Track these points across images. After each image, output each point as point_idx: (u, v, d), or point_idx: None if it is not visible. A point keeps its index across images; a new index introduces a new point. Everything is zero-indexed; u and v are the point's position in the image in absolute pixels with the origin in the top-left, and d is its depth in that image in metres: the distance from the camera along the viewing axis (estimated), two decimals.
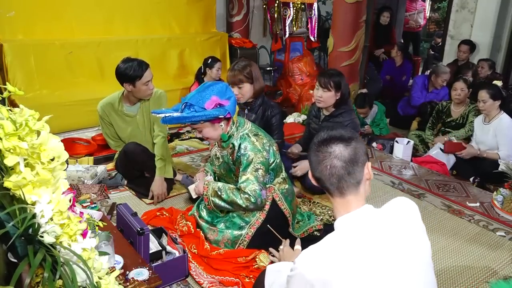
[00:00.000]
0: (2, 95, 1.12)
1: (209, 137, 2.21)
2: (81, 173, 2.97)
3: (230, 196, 2.16)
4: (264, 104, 2.87)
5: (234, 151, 2.20)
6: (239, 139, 2.19)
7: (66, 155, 1.14)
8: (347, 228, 1.18)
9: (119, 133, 2.96)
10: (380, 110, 4.44)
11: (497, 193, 2.92)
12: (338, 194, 1.21)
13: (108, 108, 2.89)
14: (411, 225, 1.21)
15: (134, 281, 1.54)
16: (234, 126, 2.23)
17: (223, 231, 2.21)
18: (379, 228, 1.16)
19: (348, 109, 2.93)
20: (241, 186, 2.14)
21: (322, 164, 1.20)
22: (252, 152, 2.15)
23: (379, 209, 1.23)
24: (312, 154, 1.24)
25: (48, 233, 1.07)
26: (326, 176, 1.20)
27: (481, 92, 3.37)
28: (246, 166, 2.15)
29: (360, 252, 1.11)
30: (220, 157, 2.34)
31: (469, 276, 2.16)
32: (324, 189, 1.25)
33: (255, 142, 2.17)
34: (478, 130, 3.55)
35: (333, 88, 2.82)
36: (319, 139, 1.24)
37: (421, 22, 7.46)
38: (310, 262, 1.13)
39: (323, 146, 1.21)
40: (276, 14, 5.70)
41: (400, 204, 1.24)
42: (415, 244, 1.18)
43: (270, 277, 1.51)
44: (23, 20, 4.04)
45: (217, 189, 2.22)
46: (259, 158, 2.15)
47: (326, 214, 2.70)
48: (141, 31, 4.78)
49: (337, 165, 1.18)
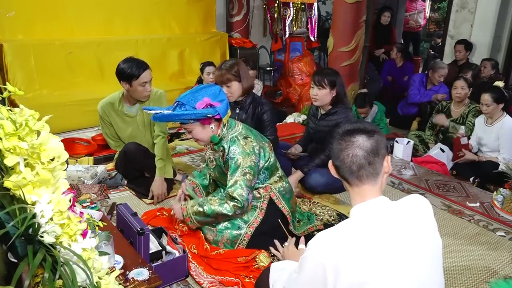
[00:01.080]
0: (2, 95, 1.12)
1: (198, 138, 2.20)
2: (81, 173, 2.97)
3: (214, 209, 2.13)
4: (254, 102, 2.88)
5: (224, 154, 2.20)
6: (229, 141, 2.19)
7: (66, 155, 1.14)
8: (361, 216, 1.21)
9: (119, 133, 2.96)
10: (380, 110, 4.44)
11: (497, 193, 2.92)
12: (356, 182, 1.24)
13: (108, 108, 2.89)
14: (423, 220, 1.24)
15: (134, 281, 1.54)
16: (225, 128, 2.22)
17: (222, 231, 2.21)
18: (392, 219, 1.19)
19: (343, 107, 2.93)
20: (229, 191, 2.13)
21: (344, 152, 1.23)
22: (240, 155, 2.14)
23: (394, 202, 1.26)
24: (335, 143, 1.27)
25: (48, 233, 1.07)
26: (347, 164, 1.23)
27: (484, 96, 3.34)
28: (234, 170, 2.14)
29: (372, 240, 1.14)
30: (213, 160, 2.35)
31: (469, 276, 2.16)
32: (342, 178, 1.28)
33: (244, 145, 2.16)
34: (479, 131, 3.54)
35: (327, 85, 2.83)
36: (343, 130, 1.28)
37: (421, 22, 7.46)
38: (323, 245, 1.16)
39: (347, 135, 1.25)
40: (276, 14, 5.70)
41: (415, 200, 1.27)
42: (426, 239, 1.21)
43: (275, 274, 1.53)
44: (23, 20, 4.04)
45: (198, 206, 2.18)
46: (248, 162, 2.13)
47: (326, 214, 2.70)
48: (141, 31, 4.78)
49: (359, 154, 1.22)
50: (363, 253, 1.12)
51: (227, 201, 2.13)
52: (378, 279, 1.11)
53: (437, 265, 1.24)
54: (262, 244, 2.16)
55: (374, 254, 1.12)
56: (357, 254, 1.12)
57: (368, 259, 1.12)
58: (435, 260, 1.23)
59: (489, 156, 3.41)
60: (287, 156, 3.13)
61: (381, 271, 1.12)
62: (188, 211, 2.21)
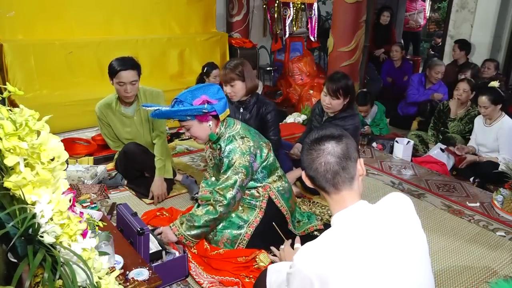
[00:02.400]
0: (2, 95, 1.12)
1: (196, 136, 2.20)
2: (81, 173, 2.96)
3: (203, 219, 2.13)
4: (259, 102, 2.88)
5: (220, 152, 2.21)
6: (226, 140, 2.19)
7: (66, 155, 1.14)
8: (343, 224, 1.19)
9: (118, 133, 2.95)
10: (380, 110, 4.44)
11: (497, 193, 2.92)
12: (333, 190, 1.22)
13: (105, 109, 2.88)
14: (406, 219, 1.23)
15: (134, 281, 1.54)
16: (223, 127, 2.22)
17: (222, 231, 2.21)
18: (375, 223, 1.18)
19: (352, 113, 2.89)
20: (217, 188, 2.14)
21: (317, 162, 1.22)
22: (235, 155, 2.14)
23: (374, 204, 1.25)
24: (305, 153, 1.26)
25: (48, 233, 1.07)
26: (321, 173, 1.22)
27: (481, 98, 3.33)
28: (227, 168, 2.15)
29: (358, 247, 1.12)
30: (212, 159, 2.36)
31: (469, 276, 2.16)
32: (319, 188, 1.26)
33: (241, 145, 2.16)
34: (478, 131, 3.54)
35: (342, 96, 2.77)
36: (311, 139, 1.26)
37: (421, 22, 7.46)
38: (308, 258, 1.14)
39: (315, 144, 1.24)
40: (276, 14, 5.70)
41: (395, 199, 1.26)
42: (411, 238, 1.20)
43: (271, 276, 1.52)
44: (23, 20, 4.04)
45: (186, 221, 2.16)
46: (242, 162, 2.14)
47: (326, 214, 2.70)
48: (141, 31, 4.78)
49: (331, 161, 1.20)
50: (351, 262, 1.10)
51: (211, 204, 2.14)
52: (368, 286, 1.10)
53: (425, 264, 1.23)
54: (262, 244, 2.16)
55: (362, 262, 1.11)
56: (345, 264, 1.10)
57: (356, 268, 1.10)
58: (422, 258, 1.21)
59: (489, 157, 3.41)
60: (289, 156, 3.12)
61: (371, 278, 1.10)
62: (180, 230, 2.16)
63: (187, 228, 2.15)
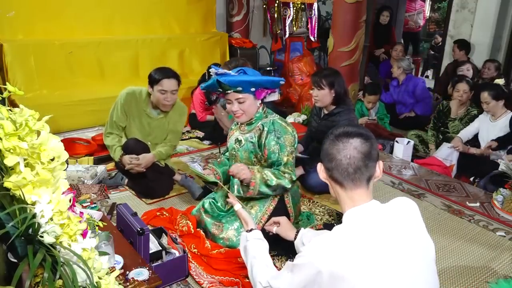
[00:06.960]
0: (2, 95, 1.12)
1: (245, 111, 2.21)
2: (81, 173, 2.96)
3: (276, 181, 2.19)
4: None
5: (263, 133, 2.23)
6: (271, 123, 2.24)
7: (66, 155, 1.14)
8: (356, 222, 1.21)
9: (128, 125, 2.89)
10: (381, 105, 4.53)
11: (497, 193, 2.92)
12: (351, 185, 1.23)
13: (131, 97, 2.84)
14: (414, 223, 1.24)
15: (134, 281, 1.54)
16: (263, 111, 2.28)
17: (228, 227, 2.22)
18: (386, 224, 1.19)
19: (346, 108, 2.93)
20: (282, 168, 2.21)
21: (342, 153, 1.22)
22: (286, 135, 2.22)
23: (384, 205, 1.26)
24: (331, 144, 1.26)
25: (48, 233, 1.07)
26: (343, 166, 1.22)
27: (483, 94, 3.36)
28: (282, 148, 2.21)
29: (369, 246, 1.14)
30: (242, 140, 2.34)
31: (469, 276, 2.16)
32: (334, 181, 1.27)
33: (287, 126, 2.25)
34: (483, 127, 3.54)
35: (326, 86, 2.84)
36: (339, 131, 1.27)
37: (421, 23, 7.48)
38: (321, 252, 1.16)
39: (343, 137, 1.24)
40: (276, 14, 5.69)
41: (403, 204, 1.27)
42: (420, 242, 1.21)
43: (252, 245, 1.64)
44: (23, 20, 4.03)
45: (265, 175, 2.20)
46: (291, 141, 2.22)
47: (326, 214, 2.71)
48: (141, 31, 4.77)
49: (357, 156, 1.22)
50: (361, 260, 1.12)
51: (284, 175, 2.20)
52: (377, 285, 1.11)
53: (431, 267, 1.24)
54: None
55: (372, 260, 1.12)
56: (356, 262, 1.11)
57: (366, 266, 1.11)
58: (429, 262, 1.23)
59: (494, 152, 3.40)
60: None
61: (380, 277, 1.11)
62: (256, 176, 2.19)
63: (262, 181, 2.19)
